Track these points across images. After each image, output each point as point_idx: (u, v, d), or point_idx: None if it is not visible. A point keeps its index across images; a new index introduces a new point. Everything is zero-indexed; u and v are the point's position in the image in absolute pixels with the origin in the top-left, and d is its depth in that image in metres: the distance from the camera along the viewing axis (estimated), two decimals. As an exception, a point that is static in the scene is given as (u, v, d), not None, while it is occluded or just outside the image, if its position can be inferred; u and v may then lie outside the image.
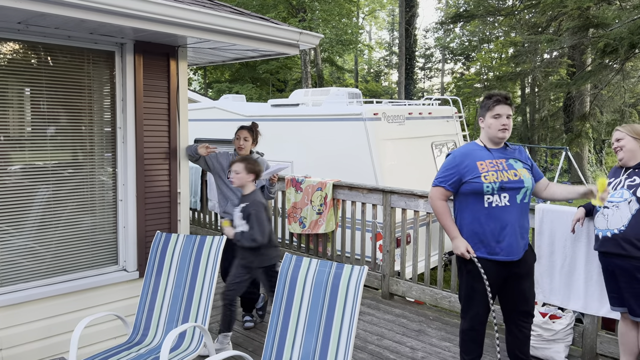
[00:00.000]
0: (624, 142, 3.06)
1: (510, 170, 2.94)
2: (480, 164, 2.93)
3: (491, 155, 2.98)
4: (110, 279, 3.55)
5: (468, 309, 3.05)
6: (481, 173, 2.90)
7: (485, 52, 27.75)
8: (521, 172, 2.96)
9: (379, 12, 37.79)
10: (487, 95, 3.02)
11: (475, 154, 2.99)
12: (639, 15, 9.99)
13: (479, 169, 2.91)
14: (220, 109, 8.12)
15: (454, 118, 7.90)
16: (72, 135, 3.38)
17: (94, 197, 3.52)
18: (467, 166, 2.94)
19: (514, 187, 2.91)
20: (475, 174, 2.91)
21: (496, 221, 2.90)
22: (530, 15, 16.57)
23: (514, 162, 2.99)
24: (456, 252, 2.96)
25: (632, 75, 16.74)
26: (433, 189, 3.05)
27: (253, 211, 3.51)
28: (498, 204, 2.89)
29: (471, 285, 2.98)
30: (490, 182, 2.88)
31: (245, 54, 4.20)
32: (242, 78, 25.28)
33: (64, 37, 3.25)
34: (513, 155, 3.03)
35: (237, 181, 3.61)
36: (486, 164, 2.94)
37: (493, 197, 2.89)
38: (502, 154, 3.01)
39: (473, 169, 2.92)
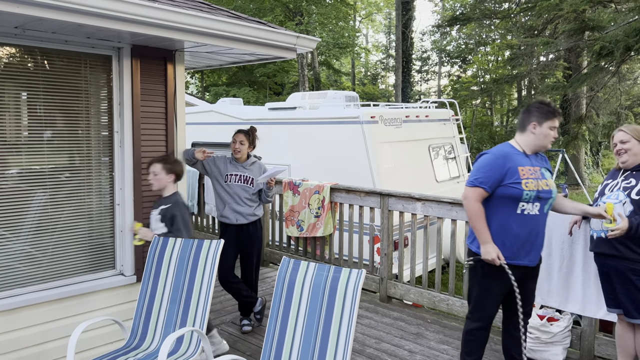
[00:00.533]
0: (630, 144, 3.00)
1: (543, 179, 2.91)
2: (521, 170, 2.86)
3: (530, 161, 2.93)
4: (108, 283, 3.54)
5: (480, 309, 3.02)
6: (522, 179, 2.84)
7: (482, 54, 27.83)
8: (551, 183, 2.95)
9: (375, 16, 37.89)
10: (543, 102, 2.95)
11: (515, 157, 2.91)
12: (634, 18, 10.05)
13: (520, 175, 2.85)
14: (217, 112, 8.12)
15: (451, 121, 7.91)
16: (69, 139, 3.38)
17: (91, 201, 3.51)
18: (510, 169, 2.86)
19: (546, 197, 2.90)
20: (516, 179, 2.84)
21: (525, 228, 2.87)
22: (527, 18, 16.64)
23: (545, 171, 2.98)
24: (486, 257, 2.87)
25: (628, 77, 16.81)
26: (470, 189, 2.92)
27: (178, 213, 3.34)
28: (529, 212, 2.87)
29: (487, 286, 2.97)
30: (530, 190, 2.84)
31: (242, 58, 4.20)
32: (239, 81, 25.28)
33: (61, 41, 3.25)
34: (544, 165, 3.02)
35: (156, 183, 3.38)
36: (526, 170, 2.88)
37: (527, 204, 2.86)
38: (537, 162, 2.98)
39: (514, 173, 2.85)
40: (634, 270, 2.90)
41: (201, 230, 7.10)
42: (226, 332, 4.25)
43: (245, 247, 4.20)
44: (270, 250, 6.04)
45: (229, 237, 4.13)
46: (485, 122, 28.85)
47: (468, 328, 3.09)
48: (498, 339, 4.03)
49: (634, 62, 14.22)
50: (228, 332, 4.24)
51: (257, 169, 4.20)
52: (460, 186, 7.79)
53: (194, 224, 7.22)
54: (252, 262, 4.26)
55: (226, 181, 4.12)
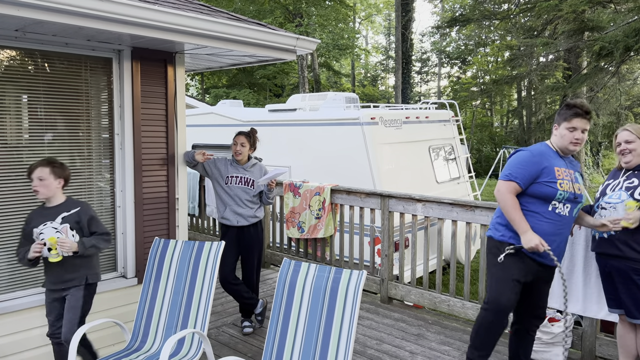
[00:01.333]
0: (635, 145, 2.99)
1: (576, 183, 2.94)
2: (557, 170, 2.88)
3: (564, 163, 2.95)
4: (109, 285, 3.54)
5: (496, 299, 2.93)
6: (557, 179, 2.85)
7: (482, 55, 27.86)
8: (582, 188, 3.00)
9: (375, 17, 37.94)
10: (567, 104, 2.93)
11: (552, 157, 2.93)
12: (634, 19, 10.06)
13: (556, 174, 2.86)
14: (217, 114, 8.13)
15: (451, 122, 7.92)
16: (70, 141, 3.38)
17: (91, 203, 3.51)
18: (546, 168, 2.87)
19: (578, 200, 2.93)
20: (551, 178, 2.86)
21: (554, 227, 2.88)
22: (526, 19, 16.65)
23: (579, 175, 3.02)
24: (529, 245, 2.80)
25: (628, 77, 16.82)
26: (504, 182, 2.91)
27: (93, 213, 3.05)
28: (560, 212, 2.89)
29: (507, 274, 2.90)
30: (564, 191, 2.86)
31: (242, 60, 4.21)
32: (239, 83, 25.32)
33: (62, 44, 3.26)
34: (576, 168, 3.03)
35: (43, 190, 2.89)
36: (562, 171, 2.89)
37: (559, 204, 2.88)
38: (571, 165, 2.99)
39: (550, 172, 2.87)
40: (637, 270, 2.89)
41: (202, 232, 7.10)
42: (227, 333, 4.25)
43: (246, 249, 4.20)
44: (271, 251, 6.04)
45: (229, 238, 4.13)
46: (485, 123, 28.86)
47: (482, 320, 3.00)
48: (500, 340, 4.02)
49: (634, 62, 14.24)
50: (229, 334, 4.24)
51: (258, 170, 4.21)
52: (461, 187, 7.80)
53: (194, 226, 7.22)
54: (253, 264, 4.26)
55: (227, 183, 4.13)
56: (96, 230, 3.05)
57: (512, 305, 2.94)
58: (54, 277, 3.00)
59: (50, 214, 2.96)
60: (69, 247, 2.88)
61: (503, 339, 4.03)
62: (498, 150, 23.08)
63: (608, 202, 3.02)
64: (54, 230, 2.91)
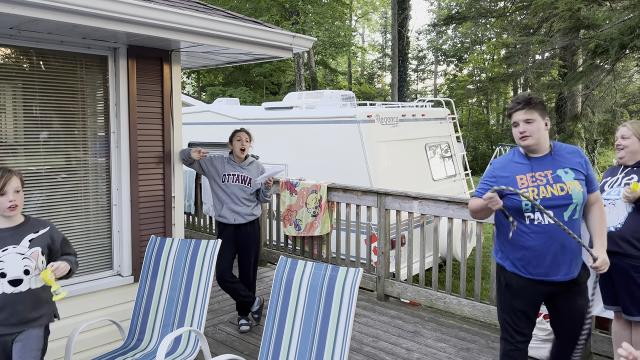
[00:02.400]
0: (629, 142, 3.00)
1: (556, 183, 2.56)
2: (520, 179, 2.60)
3: (530, 167, 2.62)
4: (105, 284, 3.54)
5: (505, 327, 2.74)
6: (520, 189, 2.57)
7: (478, 53, 27.89)
8: (570, 185, 2.55)
9: (371, 15, 37.90)
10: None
11: (513, 166, 2.66)
12: (629, 16, 10.09)
13: (519, 184, 2.59)
14: (214, 112, 8.12)
15: (447, 119, 7.93)
16: (66, 140, 3.37)
17: (87, 202, 3.51)
18: (507, 179, 2.63)
19: (559, 204, 2.54)
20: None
21: (540, 239, 2.57)
22: (522, 16, 16.67)
23: (564, 172, 2.58)
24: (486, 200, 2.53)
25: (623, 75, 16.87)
26: (471, 200, 2.79)
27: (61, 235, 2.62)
28: (540, 222, 2.56)
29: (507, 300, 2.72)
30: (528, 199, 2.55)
31: (238, 58, 4.20)
32: (235, 81, 25.28)
33: (57, 42, 3.24)
34: (564, 164, 2.60)
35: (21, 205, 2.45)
36: (527, 178, 2.60)
37: (534, 214, 2.57)
38: (547, 164, 2.61)
39: (512, 183, 2.61)
40: (636, 268, 2.91)
41: (198, 230, 7.09)
42: (224, 331, 4.26)
43: (243, 247, 4.21)
44: (268, 249, 6.05)
45: (226, 236, 4.14)
46: (481, 121, 28.91)
47: (501, 349, 2.79)
48: (496, 336, 4.05)
49: (629, 60, 14.28)
50: (226, 332, 4.24)
51: (255, 168, 4.21)
52: (457, 184, 7.81)
53: (191, 224, 7.22)
54: (249, 262, 4.27)
55: (224, 181, 4.13)
56: (69, 251, 2.63)
57: (522, 332, 2.70)
58: (12, 316, 2.38)
59: (9, 237, 2.41)
60: (63, 271, 2.44)
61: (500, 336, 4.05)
62: (494, 148, 23.13)
63: (607, 199, 3.03)
64: (20, 257, 2.39)
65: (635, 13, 9.65)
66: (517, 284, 2.67)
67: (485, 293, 6.33)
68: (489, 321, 4.20)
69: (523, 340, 2.71)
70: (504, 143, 20.78)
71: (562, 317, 2.69)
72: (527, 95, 2.61)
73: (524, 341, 2.71)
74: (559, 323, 2.72)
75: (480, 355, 3.74)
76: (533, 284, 2.63)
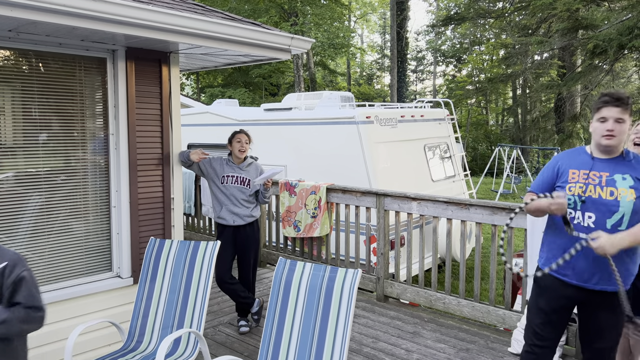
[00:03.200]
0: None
1: (608, 187, 2.41)
2: (572, 172, 2.51)
3: (591, 164, 2.49)
4: (104, 285, 3.54)
5: (527, 326, 2.70)
6: (569, 182, 2.49)
7: (477, 54, 27.93)
8: (622, 192, 2.39)
9: (370, 16, 37.95)
10: (601, 94, 2.52)
11: (575, 159, 2.56)
12: (627, 17, 10.11)
13: (569, 177, 2.50)
14: (213, 113, 8.12)
15: (446, 120, 7.94)
16: (65, 142, 3.38)
17: (87, 204, 3.51)
18: (560, 168, 2.56)
19: (604, 208, 2.39)
20: (563, 181, 2.53)
21: (573, 239, 2.46)
22: (521, 17, 16.70)
23: (621, 178, 2.42)
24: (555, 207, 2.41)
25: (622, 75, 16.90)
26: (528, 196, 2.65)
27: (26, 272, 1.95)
28: (580, 223, 2.44)
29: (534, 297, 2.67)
30: (573, 195, 2.46)
31: (237, 59, 4.21)
32: (234, 82, 25.29)
33: (55, 44, 3.25)
34: (627, 171, 2.43)
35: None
36: (579, 173, 2.48)
37: (575, 213, 2.45)
38: (609, 167, 2.46)
39: (564, 174, 2.53)
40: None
41: (198, 232, 7.10)
42: (224, 333, 4.26)
43: (242, 248, 4.21)
44: (267, 251, 6.05)
45: (225, 238, 4.14)
46: (480, 121, 28.95)
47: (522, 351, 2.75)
48: (495, 337, 4.06)
49: (628, 60, 14.30)
50: (225, 333, 4.24)
51: (254, 170, 4.21)
52: (456, 185, 7.82)
53: (190, 225, 7.22)
54: (249, 263, 4.27)
55: (223, 182, 4.13)
56: (20, 301, 1.93)
57: (542, 336, 2.62)
58: None
59: None
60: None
61: (499, 337, 4.05)
62: (493, 148, 23.15)
63: None
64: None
65: (633, 13, 9.67)
66: (543, 281, 2.60)
67: (485, 294, 6.34)
68: (488, 322, 4.21)
69: (542, 345, 2.61)
70: (504, 144, 20.78)
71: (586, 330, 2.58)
72: (623, 93, 2.46)
73: (543, 346, 2.61)
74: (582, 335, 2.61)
75: (479, 355, 3.75)
76: (560, 285, 2.54)
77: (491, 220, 4.10)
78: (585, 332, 2.59)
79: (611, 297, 2.47)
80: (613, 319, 2.50)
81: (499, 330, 4.24)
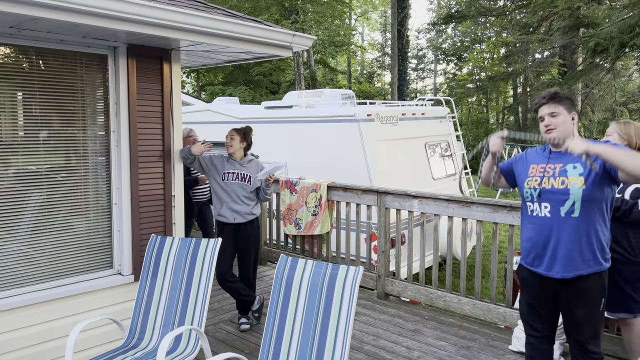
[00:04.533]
0: (610, 138, 3.08)
1: (560, 177, 2.54)
2: (532, 167, 2.67)
3: (546, 159, 2.64)
4: (105, 283, 3.54)
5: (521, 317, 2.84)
6: (528, 176, 2.66)
7: (477, 52, 27.89)
8: (572, 180, 2.50)
9: (371, 14, 37.89)
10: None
11: (537, 156, 2.72)
12: (628, 15, 10.09)
13: (529, 172, 2.67)
14: (213, 111, 8.12)
15: (447, 118, 7.93)
16: (66, 139, 3.37)
17: (87, 201, 3.51)
18: (523, 164, 2.74)
19: (555, 197, 2.52)
20: (522, 177, 2.71)
21: (535, 232, 2.61)
22: (522, 15, 16.67)
23: (572, 167, 2.53)
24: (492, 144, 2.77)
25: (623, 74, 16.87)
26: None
27: None
28: (538, 214, 2.59)
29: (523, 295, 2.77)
30: (530, 188, 2.62)
31: (238, 57, 4.20)
32: (235, 80, 25.26)
33: (57, 41, 3.24)
34: (577, 160, 2.54)
35: None
36: (537, 168, 2.65)
37: (533, 205, 2.61)
38: (562, 158, 2.59)
39: (524, 170, 2.71)
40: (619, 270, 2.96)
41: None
42: (224, 330, 4.26)
43: (243, 246, 4.21)
44: (268, 248, 6.05)
45: (226, 236, 4.14)
46: (481, 120, 28.92)
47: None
48: (496, 334, 4.06)
49: (629, 58, 14.28)
50: (226, 331, 4.24)
51: (255, 166, 4.21)
52: (457, 183, 7.82)
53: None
54: (249, 261, 4.27)
55: (224, 179, 4.13)
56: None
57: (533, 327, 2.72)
58: None
59: None
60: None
61: (500, 334, 4.05)
62: (494, 146, 23.09)
63: None
64: None
65: (634, 12, 9.65)
66: (522, 276, 2.75)
67: (485, 292, 6.34)
68: (489, 319, 4.21)
69: (536, 336, 2.72)
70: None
71: (565, 322, 2.66)
72: (553, 91, 2.62)
73: (537, 336, 2.72)
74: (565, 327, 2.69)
75: (480, 353, 3.75)
76: (535, 278, 2.65)
77: (492, 218, 4.09)
78: (566, 324, 2.67)
79: (579, 287, 2.53)
80: (586, 310, 2.55)
81: (500, 328, 4.24)
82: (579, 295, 2.55)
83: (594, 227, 2.49)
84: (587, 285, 2.53)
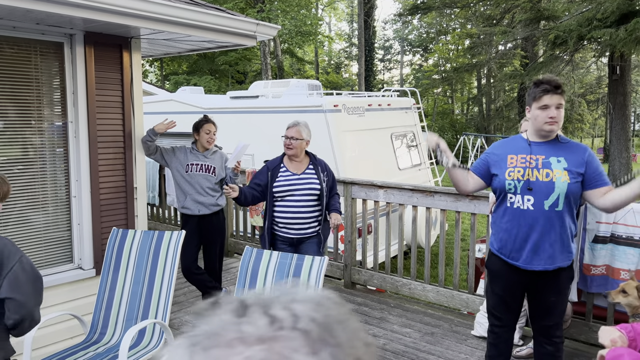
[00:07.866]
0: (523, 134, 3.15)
1: (544, 169, 2.48)
2: (510, 158, 2.56)
3: (529, 149, 2.55)
4: (66, 277, 3.45)
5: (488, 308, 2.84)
6: (507, 168, 2.55)
7: (443, 43, 28.25)
8: (557, 174, 2.46)
9: (338, 4, 37.79)
10: (535, 82, 2.55)
11: (511, 146, 2.62)
12: (587, 8, 10.38)
13: (507, 162, 2.56)
14: (177, 101, 7.96)
15: (413, 109, 8.02)
16: (21, 130, 3.25)
17: (46, 194, 3.40)
18: (498, 156, 2.62)
19: (541, 190, 2.47)
20: (501, 168, 2.58)
21: (515, 224, 2.53)
22: (485, 7, 16.95)
23: (556, 160, 2.49)
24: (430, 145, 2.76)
25: (581, 66, 17.38)
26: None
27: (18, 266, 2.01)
28: (520, 206, 2.51)
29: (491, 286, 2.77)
30: (513, 180, 2.51)
31: (201, 45, 4.13)
32: (200, 70, 24.83)
33: (9, 27, 3.11)
34: (560, 153, 2.51)
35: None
36: (517, 158, 2.54)
37: (515, 197, 2.52)
38: (544, 149, 2.53)
39: (501, 161, 2.59)
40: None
41: (163, 222, 6.98)
42: (190, 323, 4.22)
43: (208, 238, 4.16)
44: (235, 240, 6.01)
45: (191, 228, 4.08)
46: (446, 111, 29.38)
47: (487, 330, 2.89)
48: (459, 320, 4.15)
49: (587, 51, 14.72)
50: (192, 324, 4.21)
51: (219, 158, 4.16)
52: (422, 173, 7.93)
53: (155, 215, 7.09)
54: (215, 253, 4.23)
55: (187, 171, 4.06)
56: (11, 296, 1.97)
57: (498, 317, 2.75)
58: None
59: None
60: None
61: (463, 320, 4.15)
62: (459, 137, 23.55)
63: None
64: None
65: (592, 5, 9.94)
66: (494, 268, 2.70)
67: (449, 279, 6.47)
68: (452, 306, 4.30)
69: (500, 325, 2.75)
70: (468, 132, 21.17)
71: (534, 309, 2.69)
72: (559, 80, 2.51)
73: (502, 326, 2.75)
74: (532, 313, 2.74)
75: (444, 339, 3.83)
76: (511, 270, 2.62)
77: (455, 207, 4.17)
78: (534, 311, 2.71)
79: (554, 277, 2.57)
80: (558, 298, 2.63)
81: (463, 314, 4.34)
82: (554, 284, 2.58)
83: (571, 220, 2.52)
84: (563, 275, 2.58)
